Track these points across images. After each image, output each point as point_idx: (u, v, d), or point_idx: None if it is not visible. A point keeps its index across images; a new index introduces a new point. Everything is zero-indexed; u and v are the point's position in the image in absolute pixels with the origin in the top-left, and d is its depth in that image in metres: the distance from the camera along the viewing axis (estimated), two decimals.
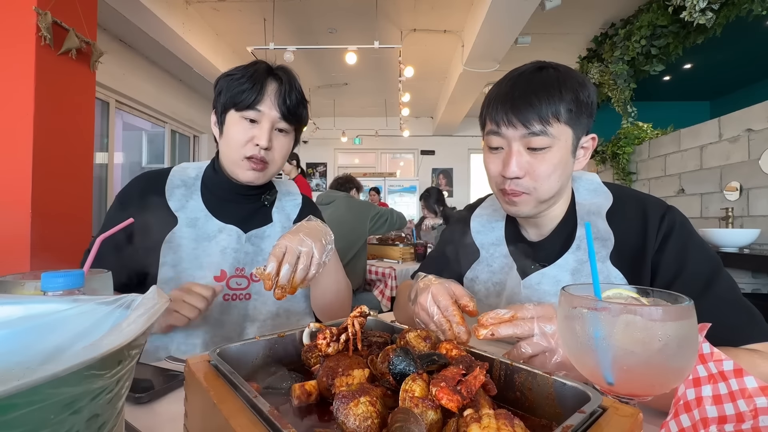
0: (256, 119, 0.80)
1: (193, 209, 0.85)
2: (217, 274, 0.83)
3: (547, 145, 0.64)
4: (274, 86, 0.81)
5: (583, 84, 0.66)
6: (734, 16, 2.78)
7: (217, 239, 0.85)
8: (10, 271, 0.66)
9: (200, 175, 0.90)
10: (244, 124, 0.80)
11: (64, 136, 2.15)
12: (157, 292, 0.32)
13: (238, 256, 0.86)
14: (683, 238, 0.65)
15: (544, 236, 0.77)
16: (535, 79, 0.65)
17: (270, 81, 0.81)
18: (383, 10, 3.83)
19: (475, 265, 0.86)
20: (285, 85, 0.81)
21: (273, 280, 0.63)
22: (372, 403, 0.32)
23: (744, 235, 2.16)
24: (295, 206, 0.99)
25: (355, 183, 2.80)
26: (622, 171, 3.82)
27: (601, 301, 0.40)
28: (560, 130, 0.64)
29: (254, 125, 0.80)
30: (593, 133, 0.71)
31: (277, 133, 0.83)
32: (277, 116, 0.81)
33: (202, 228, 0.84)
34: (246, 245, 0.87)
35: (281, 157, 0.85)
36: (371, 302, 2.45)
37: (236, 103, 0.79)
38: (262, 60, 0.85)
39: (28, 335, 0.30)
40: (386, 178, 7.11)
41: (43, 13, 1.95)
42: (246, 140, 0.80)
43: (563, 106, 0.63)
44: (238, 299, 0.86)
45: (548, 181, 0.66)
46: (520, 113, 0.63)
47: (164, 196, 0.84)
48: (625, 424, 0.31)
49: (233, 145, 0.81)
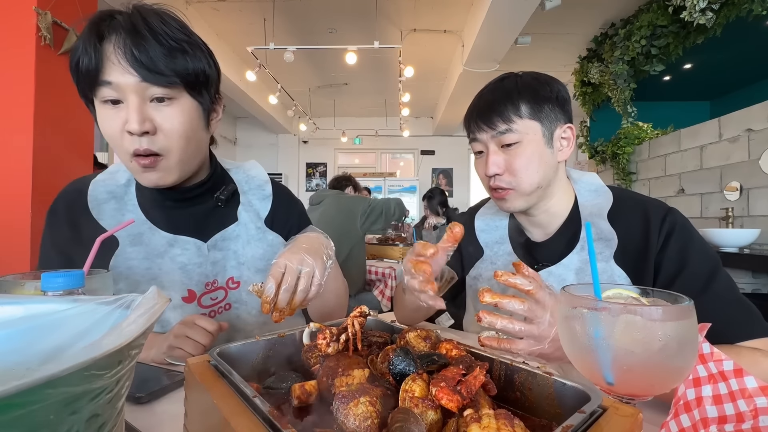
0: (119, 98, 0.57)
1: (134, 224, 0.69)
2: (185, 295, 0.72)
3: (516, 140, 0.70)
4: (113, 37, 0.55)
5: (544, 82, 0.72)
6: (734, 16, 2.78)
7: (171, 254, 0.71)
8: (10, 270, 0.66)
9: (132, 179, 0.72)
10: (108, 110, 0.58)
11: (64, 136, 2.15)
12: (157, 292, 0.32)
13: (204, 270, 0.73)
14: (684, 239, 0.67)
15: (549, 236, 0.78)
16: (497, 87, 0.74)
17: (111, 33, 0.56)
18: (383, 11, 3.83)
19: (478, 264, 0.86)
20: (139, 32, 0.55)
21: (271, 304, 0.59)
22: (372, 403, 0.32)
23: (744, 235, 2.16)
24: (263, 198, 0.83)
25: (352, 181, 2.77)
26: (622, 171, 3.82)
27: (601, 301, 0.40)
28: (525, 124, 0.70)
29: (119, 106, 0.58)
30: (592, 134, 0.72)
31: (156, 105, 0.59)
32: (137, 80, 0.56)
33: (149, 244, 0.70)
34: (211, 254, 0.75)
35: (180, 137, 0.61)
36: (371, 302, 2.44)
37: (78, 82, 0.57)
38: (110, 9, 0.60)
39: (28, 335, 0.30)
40: (386, 178, 7.12)
41: (43, 13, 1.95)
42: (118, 131, 0.58)
43: (522, 102, 0.70)
44: (218, 313, 0.77)
45: (526, 173, 0.71)
46: (485, 117, 0.72)
47: (92, 215, 0.68)
48: (625, 424, 0.31)
49: (112, 144, 0.60)
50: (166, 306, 0.30)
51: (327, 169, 7.73)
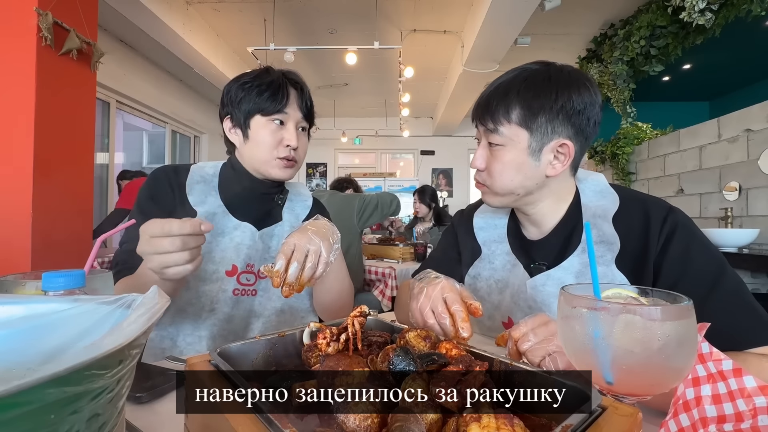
0: (284, 121, 0.86)
1: (211, 205, 0.87)
2: (228, 269, 0.86)
3: (501, 143, 0.69)
4: (294, 92, 0.87)
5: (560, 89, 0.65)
6: (733, 17, 2.78)
7: (232, 235, 0.87)
8: (11, 270, 0.66)
9: (217, 173, 0.93)
10: (272, 127, 0.85)
11: (65, 136, 2.15)
12: (158, 292, 0.32)
13: (250, 253, 0.89)
14: (686, 240, 0.64)
15: (543, 235, 0.77)
16: (503, 81, 0.71)
17: (290, 86, 0.87)
18: (383, 11, 3.83)
19: (477, 263, 0.86)
20: (301, 90, 0.88)
21: (281, 278, 0.63)
22: (372, 403, 0.33)
23: (743, 235, 2.16)
24: (305, 208, 1.02)
25: (353, 184, 2.77)
26: (622, 171, 3.82)
27: (601, 301, 0.40)
28: (512, 130, 0.68)
29: (281, 127, 0.86)
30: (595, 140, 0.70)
31: (300, 132, 0.89)
32: (300, 117, 0.88)
33: (218, 224, 0.87)
34: (258, 242, 0.90)
35: (304, 153, 0.92)
36: (371, 302, 2.44)
37: (262, 108, 0.84)
38: (270, 66, 0.90)
39: (29, 335, 0.30)
40: (386, 178, 7.11)
41: (44, 13, 1.95)
42: (277, 142, 0.85)
43: (515, 108, 0.67)
44: (246, 294, 0.89)
45: (500, 177, 0.71)
46: (480, 112, 0.72)
47: (185, 190, 0.87)
48: (625, 423, 0.31)
49: (264, 147, 0.85)
50: (166, 306, 0.30)
51: (327, 170, 7.72)
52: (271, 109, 0.83)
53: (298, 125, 0.88)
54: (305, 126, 0.91)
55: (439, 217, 3.29)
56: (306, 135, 0.93)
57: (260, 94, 0.83)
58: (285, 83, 0.86)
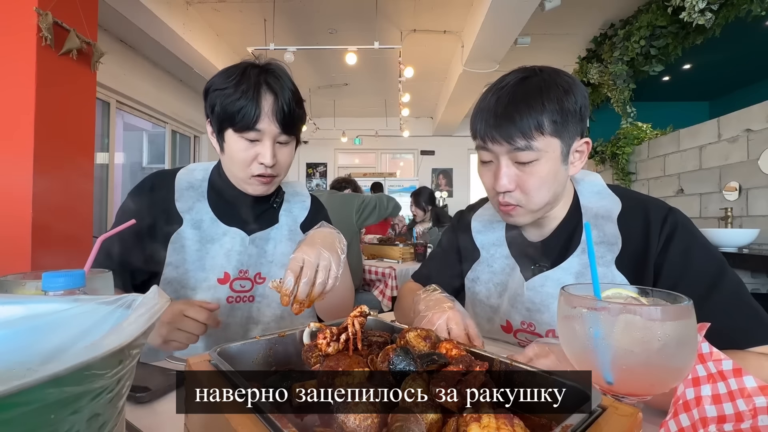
0: (258, 138, 0.77)
1: (199, 211, 0.85)
2: (220, 277, 0.83)
3: (534, 159, 0.63)
4: (270, 100, 0.76)
5: (569, 90, 0.63)
6: (733, 17, 2.78)
7: (221, 242, 0.84)
8: (11, 270, 0.67)
9: (206, 178, 0.89)
10: (245, 143, 0.77)
11: (65, 136, 2.14)
12: (158, 292, 0.32)
13: (242, 259, 0.86)
14: (686, 240, 0.64)
15: (545, 236, 0.77)
16: (518, 91, 0.64)
17: (265, 94, 0.76)
18: (383, 11, 3.83)
19: (475, 266, 0.86)
20: (280, 95, 0.77)
21: (290, 296, 0.61)
22: (372, 403, 0.33)
23: (743, 235, 2.16)
24: (304, 209, 0.97)
25: (352, 184, 2.77)
26: (622, 171, 3.82)
27: (601, 301, 0.40)
28: (546, 142, 0.63)
29: (256, 144, 0.78)
30: (591, 134, 0.71)
31: (279, 146, 0.80)
32: (277, 131, 0.77)
33: (206, 231, 0.84)
34: (250, 247, 0.87)
35: (287, 165, 0.84)
36: (371, 302, 2.44)
37: (234, 123, 0.75)
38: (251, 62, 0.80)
39: (29, 335, 0.30)
40: (386, 178, 7.11)
41: (44, 13, 1.95)
42: (250, 159, 0.78)
43: (546, 118, 0.62)
44: (242, 301, 0.86)
45: (538, 193, 0.66)
46: (503, 129, 0.63)
47: (173, 196, 0.84)
48: (625, 423, 0.31)
49: (237, 164, 0.79)
50: (166, 306, 0.30)
51: (327, 170, 7.72)
52: (241, 126, 0.75)
53: (275, 139, 0.78)
54: (285, 140, 0.80)
55: (438, 218, 3.29)
56: (290, 146, 0.83)
57: (232, 105, 0.74)
58: (259, 93, 0.75)
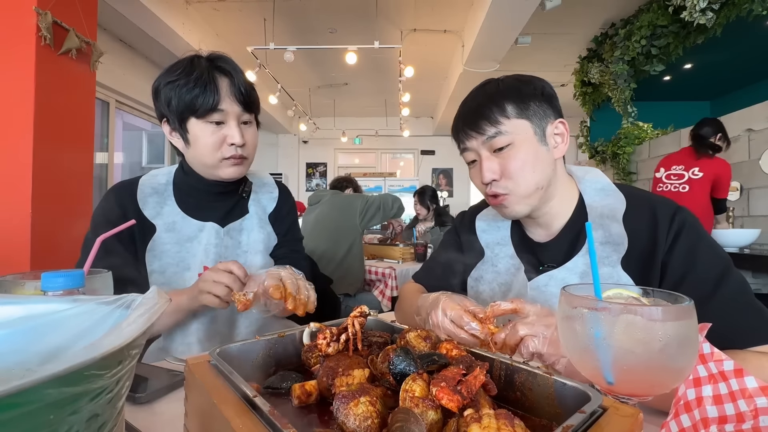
0: (222, 120, 0.79)
1: (169, 214, 0.86)
2: (201, 272, 0.84)
3: (508, 142, 0.68)
4: (226, 81, 0.79)
5: (526, 81, 0.71)
6: (734, 16, 2.78)
7: (199, 238, 0.86)
8: (10, 270, 0.67)
9: (171, 180, 0.90)
10: (211, 127, 0.78)
11: (64, 135, 2.14)
12: (158, 292, 0.32)
13: (219, 251, 0.88)
14: (693, 239, 0.64)
15: (552, 237, 0.76)
16: (480, 93, 0.73)
17: (220, 77, 0.78)
18: (383, 11, 3.83)
19: (479, 265, 0.85)
20: (235, 76, 0.80)
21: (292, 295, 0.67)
22: (372, 403, 0.32)
23: (744, 235, 2.16)
24: (272, 199, 0.99)
25: (352, 183, 2.77)
26: (623, 171, 3.82)
27: (602, 301, 0.40)
28: (513, 124, 0.68)
29: (221, 126, 0.79)
30: (592, 134, 0.71)
31: (244, 126, 0.83)
32: (240, 110, 0.80)
33: (181, 231, 0.86)
34: (225, 239, 0.89)
35: (254, 146, 0.86)
36: (371, 302, 2.44)
37: (195, 110, 0.76)
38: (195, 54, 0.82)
39: (28, 335, 0.30)
40: (386, 178, 7.11)
41: (44, 13, 1.95)
42: (219, 142, 0.79)
43: (507, 103, 0.69)
44: None
45: (522, 175, 0.69)
46: (472, 123, 0.71)
47: (138, 206, 0.84)
48: (626, 424, 0.31)
49: (206, 150, 0.79)
50: (166, 306, 0.30)
51: (327, 169, 7.73)
52: (203, 110, 0.76)
53: (240, 119, 0.81)
54: (247, 119, 0.83)
55: (440, 216, 3.29)
56: (253, 126, 0.85)
57: (189, 93, 0.75)
58: (213, 76, 0.77)
